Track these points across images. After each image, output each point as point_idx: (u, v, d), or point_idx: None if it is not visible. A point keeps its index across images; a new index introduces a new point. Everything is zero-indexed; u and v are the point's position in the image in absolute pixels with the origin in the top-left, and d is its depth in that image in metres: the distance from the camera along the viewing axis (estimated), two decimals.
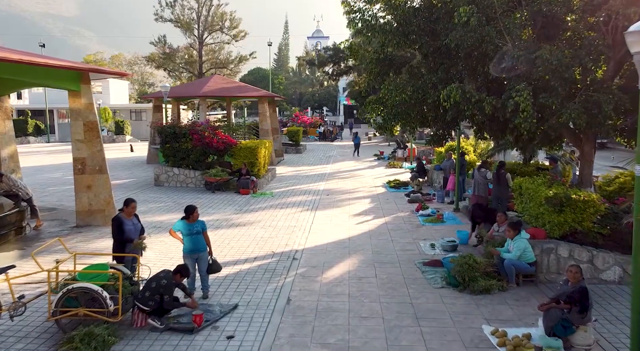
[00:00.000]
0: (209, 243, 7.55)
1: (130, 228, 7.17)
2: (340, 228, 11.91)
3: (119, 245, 7.14)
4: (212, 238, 11.08)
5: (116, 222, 7.11)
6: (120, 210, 7.32)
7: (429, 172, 18.94)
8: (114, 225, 7.13)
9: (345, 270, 8.89)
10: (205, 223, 7.66)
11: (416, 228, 11.82)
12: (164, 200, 15.24)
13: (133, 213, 7.33)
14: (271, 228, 11.88)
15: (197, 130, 17.41)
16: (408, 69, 9.79)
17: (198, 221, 7.49)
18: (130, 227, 7.16)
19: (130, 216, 7.26)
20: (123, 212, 7.23)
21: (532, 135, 8.09)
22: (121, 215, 7.20)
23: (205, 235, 7.53)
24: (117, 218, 7.13)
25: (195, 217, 7.42)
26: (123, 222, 7.12)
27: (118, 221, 7.10)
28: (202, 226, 7.47)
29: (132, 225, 7.21)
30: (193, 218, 7.40)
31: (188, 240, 7.39)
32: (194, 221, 7.41)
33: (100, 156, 11.34)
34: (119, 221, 7.10)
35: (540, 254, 8.06)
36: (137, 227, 7.36)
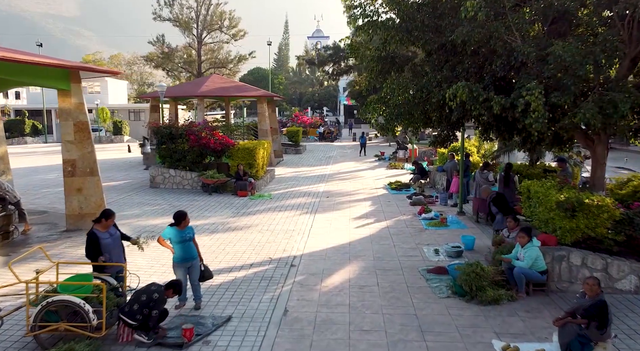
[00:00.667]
0: (198, 249, 7.13)
1: (108, 242, 6.58)
2: (340, 232, 11.49)
3: (93, 259, 6.61)
4: (207, 243, 10.74)
5: (91, 238, 6.44)
6: (96, 221, 6.71)
7: (431, 173, 18.51)
8: (88, 241, 6.46)
9: (345, 277, 8.46)
10: (193, 229, 7.23)
11: (419, 233, 11.40)
12: (159, 202, 14.82)
13: (111, 225, 6.76)
14: (269, 233, 11.46)
15: (194, 131, 17.00)
16: (411, 67, 9.36)
17: (188, 227, 7.06)
18: (107, 240, 6.58)
19: (107, 228, 6.69)
20: (99, 224, 6.65)
21: (542, 136, 7.64)
22: (96, 229, 6.63)
23: (195, 242, 7.11)
24: (92, 234, 6.46)
25: (186, 223, 6.99)
26: (99, 237, 6.48)
27: (93, 237, 6.44)
28: (192, 232, 7.06)
29: (109, 237, 6.63)
30: (184, 225, 6.97)
31: (179, 248, 6.96)
32: (185, 227, 6.98)
33: (91, 158, 10.92)
34: (93, 237, 6.45)
35: (552, 262, 7.63)
36: (116, 236, 6.80)
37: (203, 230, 11.64)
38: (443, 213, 12.88)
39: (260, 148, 17.79)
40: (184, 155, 17.12)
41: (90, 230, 6.64)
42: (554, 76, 7.18)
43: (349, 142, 42.19)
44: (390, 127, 9.08)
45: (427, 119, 9.29)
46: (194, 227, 11.99)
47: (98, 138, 41.82)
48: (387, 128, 9.26)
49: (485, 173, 11.78)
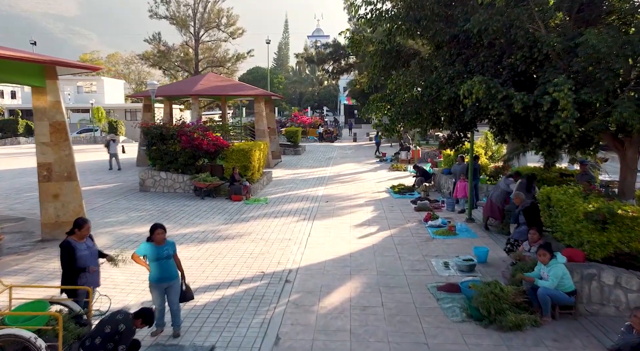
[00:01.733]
0: (180, 267, 6.21)
1: (85, 254, 5.84)
2: (340, 242, 10.59)
3: (70, 275, 5.80)
4: (195, 254, 9.85)
5: (66, 249, 5.76)
6: (70, 233, 5.94)
7: (436, 176, 17.61)
8: (63, 252, 5.78)
9: (346, 296, 7.56)
10: (174, 244, 6.28)
11: (426, 242, 10.49)
12: (148, 207, 13.92)
13: (87, 235, 5.99)
14: (262, 242, 10.56)
15: (186, 131, 16.10)
16: (418, 62, 8.46)
17: (168, 242, 6.15)
18: (84, 252, 5.83)
19: (84, 238, 5.92)
20: (74, 235, 5.88)
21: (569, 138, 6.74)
22: (71, 239, 5.85)
23: (176, 258, 6.21)
24: (67, 244, 5.78)
25: (159, 239, 6.07)
26: (75, 248, 5.78)
27: (68, 247, 5.76)
28: (172, 248, 6.13)
29: (86, 249, 5.87)
30: (159, 240, 6.06)
31: (155, 267, 6.07)
32: (161, 243, 6.07)
33: (69, 161, 10.02)
34: (69, 247, 5.76)
35: (580, 281, 6.73)
36: (94, 250, 6.04)
37: (192, 239, 10.74)
38: (451, 220, 11.98)
39: (257, 150, 16.90)
40: (175, 157, 16.23)
41: (63, 240, 5.83)
42: (584, 70, 6.27)
43: (350, 142, 41.30)
44: (395, 127, 8.18)
45: (436, 119, 8.39)
46: (182, 235, 11.25)
47: (93, 139, 41.00)
48: (391, 129, 8.35)
49: (509, 181, 10.84)
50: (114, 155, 22.34)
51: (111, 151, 22.37)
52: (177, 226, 11.82)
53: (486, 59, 7.38)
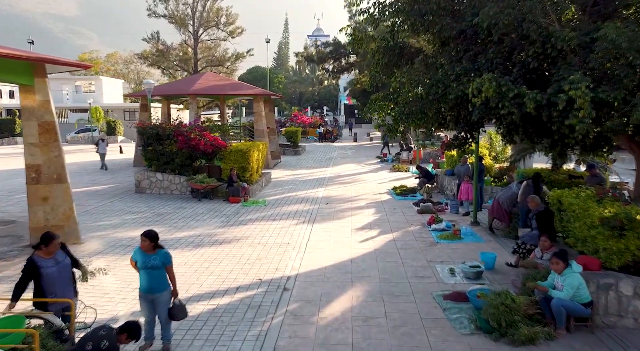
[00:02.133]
0: (173, 280, 5.74)
1: (51, 271, 5.28)
2: (341, 247, 10.20)
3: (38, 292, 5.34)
4: (190, 259, 9.45)
5: (28, 266, 5.22)
6: (37, 247, 5.42)
7: (438, 177, 17.21)
8: (24, 270, 5.24)
9: (347, 305, 7.17)
10: (169, 256, 5.73)
11: (430, 247, 10.10)
12: (143, 210, 13.52)
13: (55, 251, 5.47)
14: (260, 247, 10.17)
15: (182, 131, 15.70)
16: (423, 59, 8.07)
17: (158, 252, 5.70)
18: (50, 269, 5.28)
19: (51, 254, 5.40)
20: (40, 251, 5.35)
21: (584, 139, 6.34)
22: (37, 256, 5.35)
23: (169, 270, 5.69)
24: (31, 262, 5.24)
25: (142, 246, 5.64)
26: (39, 266, 5.23)
27: (30, 264, 5.22)
28: (162, 259, 5.64)
29: (53, 266, 5.32)
30: (146, 247, 5.65)
31: (141, 275, 5.68)
32: (148, 251, 5.65)
33: (58, 162, 9.63)
34: (31, 265, 5.22)
35: (596, 291, 6.33)
36: (64, 264, 5.47)
37: (187, 243, 10.35)
38: (455, 223, 11.58)
39: (255, 150, 16.50)
40: (172, 157, 15.85)
41: (30, 256, 5.37)
42: (602, 66, 5.87)
43: (350, 142, 40.90)
44: (399, 127, 7.77)
45: (441, 119, 7.99)
46: (177, 239, 10.84)
47: (91, 139, 40.59)
48: (395, 129, 7.95)
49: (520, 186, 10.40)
50: (103, 154, 22.26)
51: (100, 151, 22.30)
52: (172, 229, 11.43)
53: (495, 56, 6.98)
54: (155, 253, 5.67)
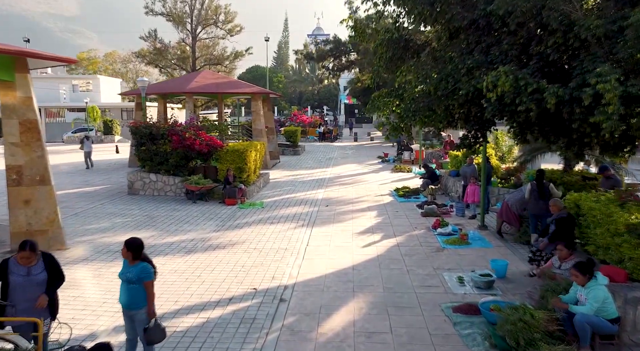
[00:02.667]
0: (149, 298, 5.08)
1: (18, 281, 4.72)
2: (341, 253, 9.63)
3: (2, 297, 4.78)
4: (181, 266, 8.87)
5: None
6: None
7: (442, 177, 16.64)
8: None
9: (349, 319, 6.60)
10: (147, 270, 5.02)
11: (436, 253, 9.52)
12: (134, 212, 12.95)
13: (32, 263, 4.88)
14: (256, 253, 9.59)
15: (177, 131, 15.13)
16: (430, 53, 7.49)
17: (138, 265, 5.09)
18: (18, 278, 4.72)
19: (29, 262, 4.83)
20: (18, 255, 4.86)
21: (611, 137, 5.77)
22: (13, 258, 4.83)
23: (147, 287, 4.98)
24: (3, 263, 4.77)
25: (125, 255, 5.06)
26: (9, 271, 4.73)
27: (1, 266, 4.76)
28: (138, 274, 4.95)
29: (22, 275, 4.75)
30: (124, 256, 5.07)
31: (120, 287, 5.11)
32: (129, 260, 5.07)
33: (41, 163, 9.06)
34: (2, 266, 4.75)
35: (623, 306, 5.76)
36: (36, 278, 4.84)
37: (179, 249, 9.78)
38: (462, 227, 11.01)
39: (252, 150, 15.93)
40: (166, 157, 15.27)
41: (7, 258, 4.84)
42: (632, 57, 5.30)
43: (350, 142, 40.36)
44: (405, 126, 7.19)
45: (451, 117, 7.42)
46: (168, 244, 10.22)
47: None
48: (400, 128, 7.37)
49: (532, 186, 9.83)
50: (87, 153, 22.04)
51: (85, 149, 22.08)
52: (164, 234, 10.86)
53: (510, 47, 6.41)
54: (134, 266, 5.07)
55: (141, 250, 5.14)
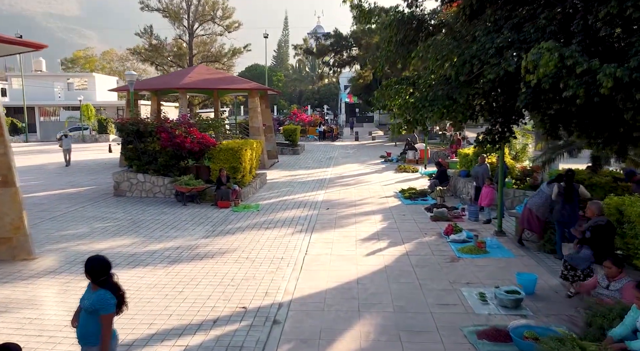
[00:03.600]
0: (103, 335, 3.94)
1: None
2: (344, 263, 8.56)
3: None
4: (162, 280, 7.79)
5: None
6: None
7: (452, 178, 15.57)
8: None
9: (354, 347, 5.53)
10: (105, 302, 3.86)
11: (451, 263, 8.45)
12: (118, 216, 11.88)
13: None
14: (248, 263, 8.52)
15: (166, 128, 14.07)
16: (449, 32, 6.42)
17: (98, 291, 3.98)
18: None
19: None
20: None
21: None
22: None
23: (103, 322, 3.85)
24: None
25: (90, 280, 3.99)
26: None
27: None
28: (95, 303, 3.85)
29: None
30: (91, 279, 3.99)
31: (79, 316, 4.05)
32: (96, 288, 3.98)
33: (4, 162, 8.00)
34: None
35: None
36: None
37: (162, 258, 8.71)
38: (477, 233, 9.94)
39: (248, 149, 14.86)
40: (154, 156, 14.22)
41: None
42: None
43: (351, 141, 39.32)
44: (420, 118, 6.11)
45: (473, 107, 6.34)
46: (151, 253, 9.02)
47: (82, 138, 39.00)
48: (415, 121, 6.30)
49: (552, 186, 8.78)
50: (67, 150, 21.90)
51: (64, 147, 21.92)
52: (148, 241, 9.79)
53: (549, 23, 5.34)
54: (93, 292, 3.99)
55: (103, 274, 4.02)
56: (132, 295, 6.96)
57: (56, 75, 51.51)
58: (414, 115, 6.09)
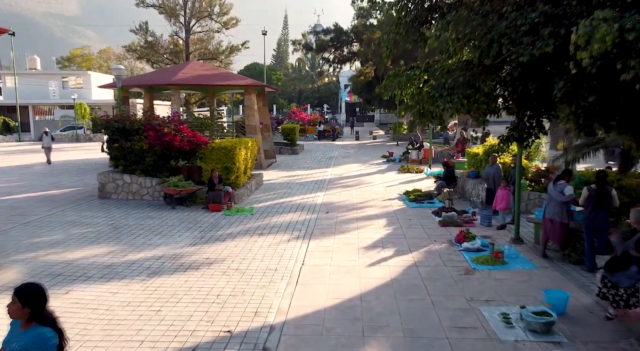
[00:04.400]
0: None
1: None
2: (346, 275, 7.62)
3: None
4: (138, 296, 6.80)
5: None
6: None
7: (459, 179, 14.63)
8: None
9: None
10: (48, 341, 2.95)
11: (465, 277, 7.51)
12: (98, 221, 10.93)
13: None
14: (238, 275, 7.58)
15: (154, 125, 13.12)
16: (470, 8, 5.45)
17: (35, 329, 3.02)
18: None
19: None
20: None
21: None
22: None
23: None
24: None
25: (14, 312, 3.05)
26: None
27: None
28: (30, 345, 2.92)
29: None
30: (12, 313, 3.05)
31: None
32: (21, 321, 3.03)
33: None
34: None
35: None
36: None
37: (141, 270, 7.76)
38: (492, 240, 8.99)
39: (242, 148, 13.91)
40: (142, 156, 13.27)
41: None
42: None
43: (352, 141, 38.35)
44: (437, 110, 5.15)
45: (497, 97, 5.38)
46: (129, 264, 7.89)
47: (76, 137, 38.08)
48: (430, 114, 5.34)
49: (561, 186, 7.90)
50: (47, 148, 21.66)
51: (45, 144, 21.70)
52: (127, 249, 8.84)
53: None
54: (25, 331, 3.03)
55: (41, 305, 3.07)
56: (101, 315, 6.04)
57: (51, 74, 50.54)
58: (429, 106, 5.14)
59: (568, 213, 8.00)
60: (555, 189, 7.97)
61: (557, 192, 7.92)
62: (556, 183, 8.03)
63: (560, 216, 7.89)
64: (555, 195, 7.92)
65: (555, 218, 7.93)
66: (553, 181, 8.18)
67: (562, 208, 7.92)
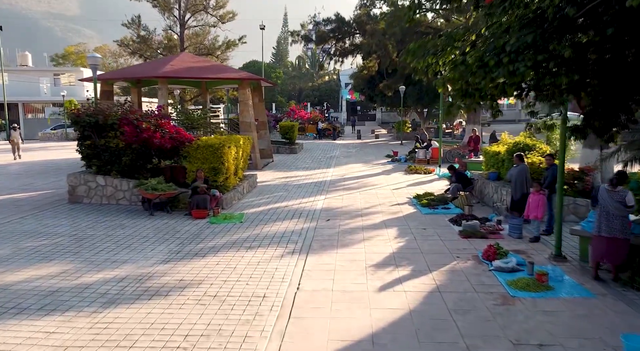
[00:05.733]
0: None
1: None
2: (352, 305, 6.02)
3: None
4: (78, 338, 5.01)
5: None
6: None
7: (476, 182, 13.03)
8: None
9: None
10: None
11: (504, 308, 5.90)
12: (60, 231, 9.33)
13: None
14: (216, 305, 5.98)
15: (131, 120, 11.52)
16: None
17: None
18: None
19: None
20: None
21: None
22: None
23: None
24: None
25: None
26: None
27: None
28: None
29: None
30: None
31: None
32: None
33: None
34: None
35: None
36: None
37: (94, 297, 6.16)
38: (529, 257, 7.38)
39: (232, 146, 12.29)
40: (118, 155, 11.67)
41: None
42: None
43: (353, 140, 36.80)
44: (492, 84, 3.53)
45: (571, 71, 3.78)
46: (81, 289, 5.77)
47: (65, 135, 36.49)
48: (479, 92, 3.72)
49: (622, 193, 6.30)
50: (16, 144, 21.69)
51: (15, 140, 21.73)
52: (85, 268, 7.24)
53: None
54: None
55: None
56: None
57: (42, 70, 48.95)
58: (481, 79, 3.50)
59: (624, 227, 6.42)
60: (612, 198, 6.36)
61: (616, 201, 6.32)
62: (613, 190, 6.42)
63: (623, 232, 6.29)
64: (614, 206, 6.31)
65: (617, 235, 6.33)
66: (607, 187, 6.56)
67: (623, 222, 6.34)
